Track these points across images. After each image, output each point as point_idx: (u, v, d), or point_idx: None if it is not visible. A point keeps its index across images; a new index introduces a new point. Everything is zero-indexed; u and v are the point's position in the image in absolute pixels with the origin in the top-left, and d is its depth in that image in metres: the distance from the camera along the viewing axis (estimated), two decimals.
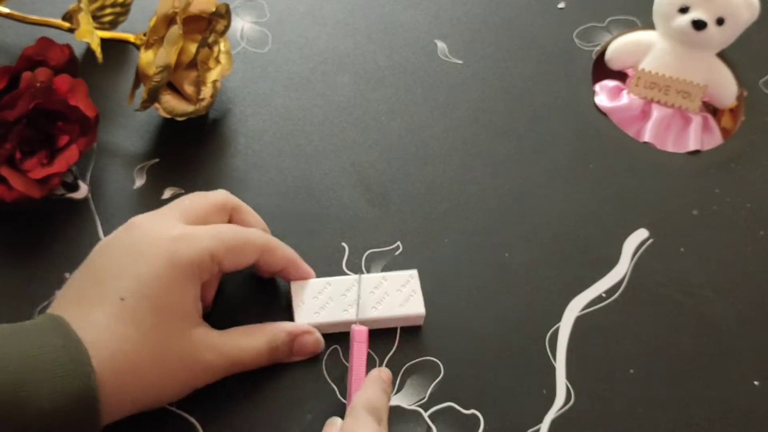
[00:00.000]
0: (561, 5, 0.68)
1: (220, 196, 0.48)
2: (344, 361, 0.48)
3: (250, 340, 0.46)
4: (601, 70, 0.65)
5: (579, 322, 0.51)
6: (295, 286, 0.49)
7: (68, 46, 0.53)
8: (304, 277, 0.50)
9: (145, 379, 0.41)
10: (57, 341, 0.39)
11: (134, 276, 0.42)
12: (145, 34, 0.56)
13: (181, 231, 0.44)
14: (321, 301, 0.49)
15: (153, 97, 0.53)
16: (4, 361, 0.37)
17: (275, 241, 0.48)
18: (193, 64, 0.54)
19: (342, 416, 0.44)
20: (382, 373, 0.46)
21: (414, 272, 0.50)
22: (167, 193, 0.54)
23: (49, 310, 0.42)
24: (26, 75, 0.49)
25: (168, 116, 0.55)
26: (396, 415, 0.46)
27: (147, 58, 0.53)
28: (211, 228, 0.45)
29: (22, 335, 0.39)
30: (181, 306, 0.43)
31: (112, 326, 0.41)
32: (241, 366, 0.46)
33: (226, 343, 0.45)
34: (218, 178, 0.56)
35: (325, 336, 0.48)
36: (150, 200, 0.54)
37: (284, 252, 0.49)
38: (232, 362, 0.45)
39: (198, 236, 0.44)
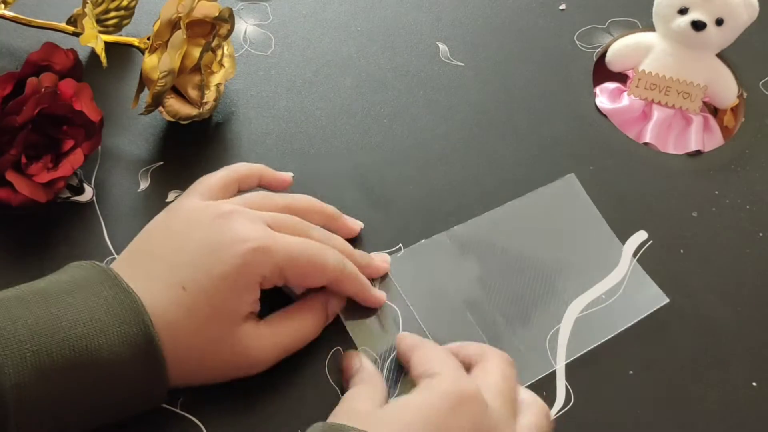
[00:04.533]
0: (562, 7, 0.69)
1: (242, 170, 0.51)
2: None
3: (297, 325, 0.47)
4: (601, 71, 0.66)
5: (579, 323, 0.51)
6: None
7: (73, 51, 0.53)
8: (373, 305, 0.50)
9: (191, 360, 0.43)
10: (108, 292, 0.41)
11: (203, 270, 0.43)
12: (149, 38, 0.56)
13: (262, 239, 0.44)
14: None
15: (157, 101, 0.53)
16: (59, 319, 0.39)
17: (349, 272, 0.48)
18: (196, 68, 0.54)
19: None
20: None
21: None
22: (171, 196, 0.55)
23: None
24: (31, 81, 0.49)
25: (172, 119, 0.56)
26: None
27: (151, 63, 0.54)
28: (293, 242, 0.45)
29: (73, 291, 0.41)
30: (237, 309, 0.44)
31: (170, 309, 0.42)
32: (291, 352, 0.47)
33: (275, 334, 0.46)
34: None
35: (327, 337, 0.49)
36: (155, 203, 0.54)
37: (354, 285, 0.49)
38: (282, 350, 0.46)
39: (276, 250, 0.44)
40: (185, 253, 0.44)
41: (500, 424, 0.41)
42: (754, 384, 0.50)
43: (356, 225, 0.53)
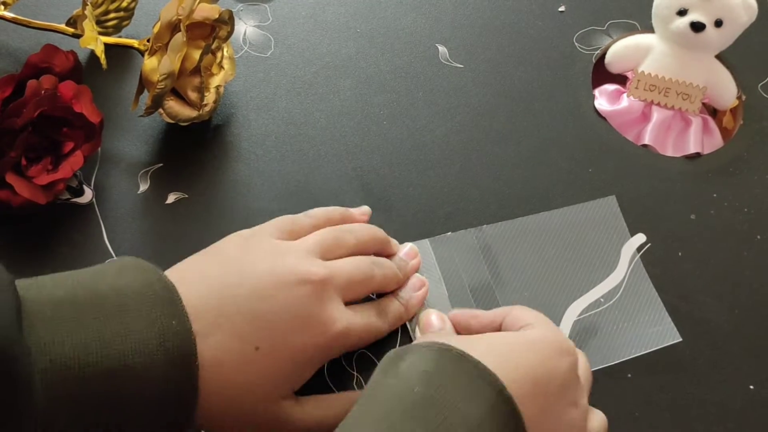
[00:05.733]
0: (561, 9, 0.69)
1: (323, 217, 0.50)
2: (345, 365, 0.49)
3: (329, 412, 0.45)
4: (601, 73, 0.66)
5: (577, 326, 0.51)
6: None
7: (73, 53, 0.54)
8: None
9: (225, 415, 0.42)
10: (164, 321, 0.39)
11: (283, 336, 0.42)
12: (148, 40, 0.56)
13: (346, 323, 0.44)
14: None
15: (157, 103, 0.53)
16: (109, 345, 0.37)
17: (396, 321, 0.49)
18: (196, 71, 0.54)
19: None
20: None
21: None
22: (171, 198, 0.55)
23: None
24: (31, 83, 0.50)
25: (171, 121, 0.56)
26: None
27: (151, 65, 0.54)
28: (365, 325, 0.46)
29: (129, 309, 0.39)
30: (297, 381, 0.44)
31: (231, 363, 0.41)
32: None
33: (307, 416, 0.44)
34: (221, 182, 0.56)
35: None
36: (154, 205, 0.55)
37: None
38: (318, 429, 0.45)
39: (352, 334, 0.45)
40: (267, 311, 0.42)
41: (581, 386, 0.43)
42: (752, 387, 0.50)
43: (401, 250, 0.53)
